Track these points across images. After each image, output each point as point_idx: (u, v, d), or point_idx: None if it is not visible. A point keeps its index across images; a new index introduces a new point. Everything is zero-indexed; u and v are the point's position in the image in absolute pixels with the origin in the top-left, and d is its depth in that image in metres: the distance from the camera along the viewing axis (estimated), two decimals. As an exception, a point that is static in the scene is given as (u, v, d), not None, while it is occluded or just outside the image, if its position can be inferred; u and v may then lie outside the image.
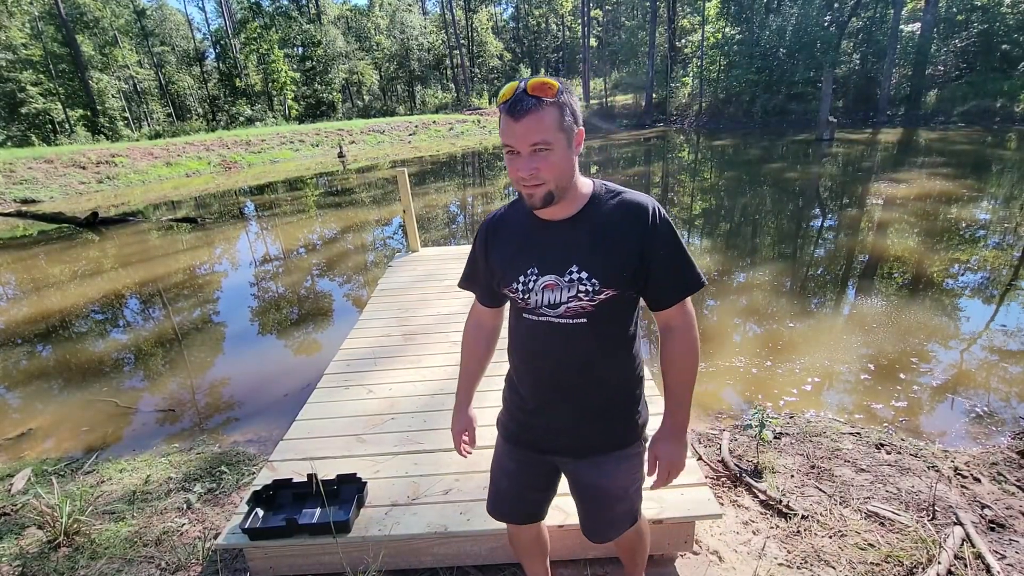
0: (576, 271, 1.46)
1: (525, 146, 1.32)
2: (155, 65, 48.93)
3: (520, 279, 1.54)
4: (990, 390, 4.38)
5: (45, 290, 8.78)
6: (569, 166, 1.39)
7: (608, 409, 1.65)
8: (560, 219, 1.50)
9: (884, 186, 12.53)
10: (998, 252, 7.66)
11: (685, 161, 20.86)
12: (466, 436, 1.92)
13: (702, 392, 4.57)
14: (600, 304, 1.48)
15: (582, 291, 1.46)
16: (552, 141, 1.32)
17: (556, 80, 1.31)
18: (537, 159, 1.33)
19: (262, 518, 2.53)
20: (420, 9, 63.56)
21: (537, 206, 1.42)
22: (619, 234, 1.46)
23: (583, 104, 41.33)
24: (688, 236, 9.93)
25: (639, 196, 1.51)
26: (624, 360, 1.63)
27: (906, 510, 2.87)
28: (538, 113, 1.29)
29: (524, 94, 1.29)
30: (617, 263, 1.45)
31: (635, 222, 1.46)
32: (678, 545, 2.53)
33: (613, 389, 1.64)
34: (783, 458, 3.42)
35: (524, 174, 1.35)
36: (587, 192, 1.51)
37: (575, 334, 1.52)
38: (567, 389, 1.61)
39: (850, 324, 5.68)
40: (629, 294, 1.52)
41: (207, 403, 5.02)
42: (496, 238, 1.65)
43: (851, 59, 32.78)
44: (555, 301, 1.50)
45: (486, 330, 1.87)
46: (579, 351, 1.55)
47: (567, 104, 1.33)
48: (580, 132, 1.40)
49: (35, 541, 2.96)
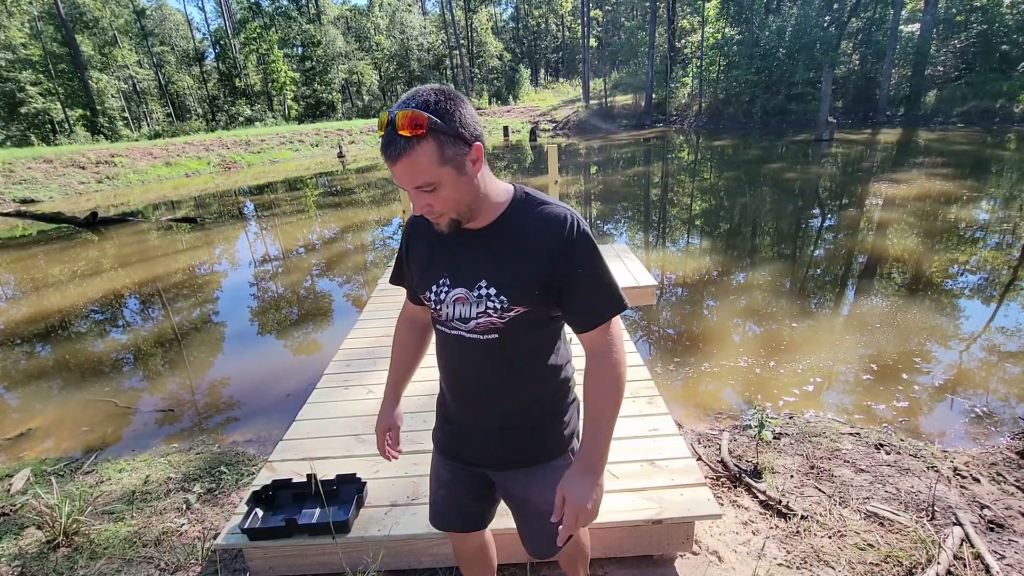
0: (485, 286, 1.37)
1: (408, 188, 1.23)
2: (155, 65, 48.91)
3: (433, 289, 1.46)
4: (989, 390, 4.38)
5: (44, 290, 8.78)
6: (466, 192, 1.28)
7: (528, 422, 1.56)
8: (474, 229, 1.39)
9: (884, 186, 12.54)
10: (997, 252, 7.66)
11: (685, 161, 20.86)
12: (390, 436, 1.84)
13: (702, 392, 4.57)
14: (511, 321, 1.38)
15: (491, 307, 1.37)
16: (434, 180, 1.20)
17: (425, 112, 1.15)
18: (426, 197, 1.24)
19: (262, 518, 2.53)
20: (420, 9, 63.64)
21: (445, 231, 1.34)
22: (531, 249, 1.35)
23: (582, 105, 41.35)
24: (688, 236, 9.94)
25: (558, 209, 1.39)
26: (544, 373, 1.53)
27: (905, 510, 2.87)
28: (410, 156, 1.16)
29: (394, 133, 1.16)
30: (527, 280, 1.35)
31: (550, 237, 1.34)
32: (677, 545, 2.52)
33: (533, 403, 1.54)
34: (782, 458, 3.42)
35: (417, 211, 1.28)
36: (503, 201, 1.39)
37: (487, 350, 1.44)
38: (484, 403, 1.55)
39: (849, 324, 5.68)
40: (544, 311, 1.42)
41: (206, 403, 5.02)
42: (414, 241, 1.56)
43: (851, 59, 32.83)
44: (466, 316, 1.41)
45: (419, 324, 1.79)
46: (492, 367, 1.48)
47: (445, 131, 1.17)
48: (475, 148, 1.25)
49: (34, 541, 2.95)
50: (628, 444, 2.90)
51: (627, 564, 2.52)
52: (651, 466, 2.70)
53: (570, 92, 48.93)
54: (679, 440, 2.90)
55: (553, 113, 41.09)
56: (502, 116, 40.31)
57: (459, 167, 1.23)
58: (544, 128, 36.42)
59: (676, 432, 2.98)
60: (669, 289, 7.20)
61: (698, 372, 4.89)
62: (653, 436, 2.95)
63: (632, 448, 2.86)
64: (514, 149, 27.97)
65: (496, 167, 21.62)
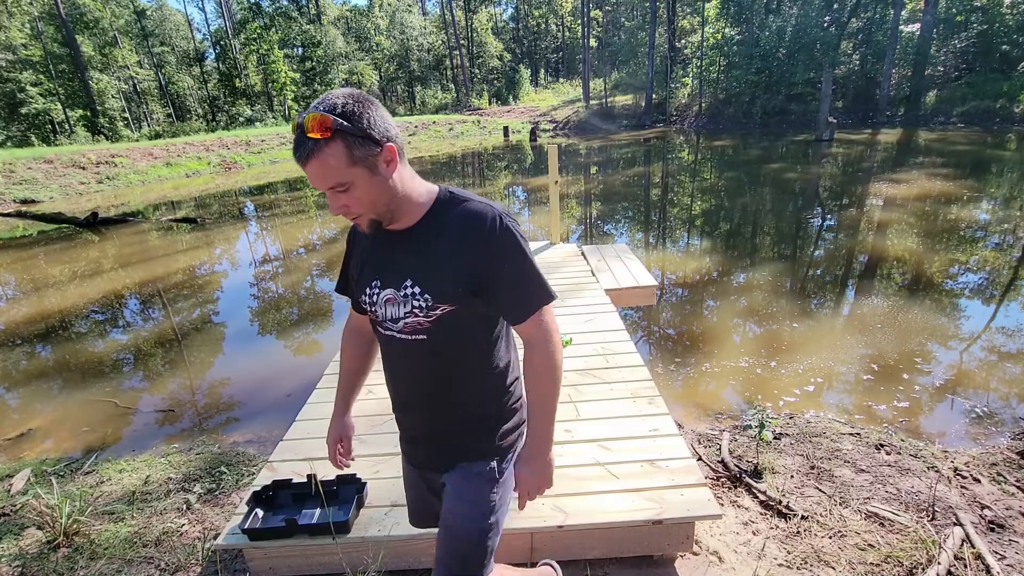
0: (410, 285, 1.39)
1: (322, 189, 1.26)
2: (155, 65, 48.85)
3: (367, 291, 1.48)
4: (990, 390, 4.38)
5: (45, 290, 8.77)
6: (382, 192, 1.30)
7: (459, 424, 1.56)
8: (400, 230, 1.42)
9: (884, 186, 12.54)
10: (998, 252, 7.66)
11: (685, 162, 20.86)
12: (341, 446, 1.80)
13: (703, 392, 4.57)
14: (438, 320, 1.40)
15: (416, 307, 1.39)
16: (346, 180, 1.23)
17: (330, 114, 1.18)
18: (340, 197, 1.27)
19: (262, 519, 2.53)
20: (420, 9, 63.53)
21: (367, 231, 1.37)
22: (455, 246, 1.37)
23: (582, 105, 41.33)
24: (688, 236, 9.94)
25: (481, 205, 1.39)
26: (477, 376, 1.53)
27: (906, 511, 2.87)
28: (319, 157, 1.19)
29: (302, 135, 1.19)
30: (450, 278, 1.37)
31: (472, 234, 1.36)
32: (678, 546, 2.52)
33: (464, 405, 1.54)
34: (783, 458, 3.41)
35: (335, 212, 1.30)
36: (427, 201, 1.41)
37: (416, 350, 1.45)
38: (418, 405, 1.56)
39: (850, 324, 5.68)
40: (472, 309, 1.42)
41: (207, 403, 5.02)
42: (354, 245, 1.58)
43: (851, 60, 32.82)
44: (396, 316, 1.43)
45: (365, 334, 1.76)
46: (422, 368, 1.49)
47: (353, 132, 1.20)
48: (388, 148, 1.27)
49: (35, 542, 2.95)
50: (628, 444, 2.90)
51: (627, 564, 2.52)
52: (651, 466, 2.70)
53: (570, 92, 48.92)
54: (679, 440, 2.90)
55: (553, 113, 41.09)
56: (502, 116, 40.32)
57: (371, 168, 1.26)
58: (544, 128, 36.41)
59: (676, 432, 2.98)
60: (669, 289, 7.20)
61: (698, 372, 4.89)
62: (653, 436, 2.95)
63: (632, 448, 2.86)
64: (514, 149, 27.97)
65: (496, 167, 21.62)
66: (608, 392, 3.46)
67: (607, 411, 3.24)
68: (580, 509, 2.46)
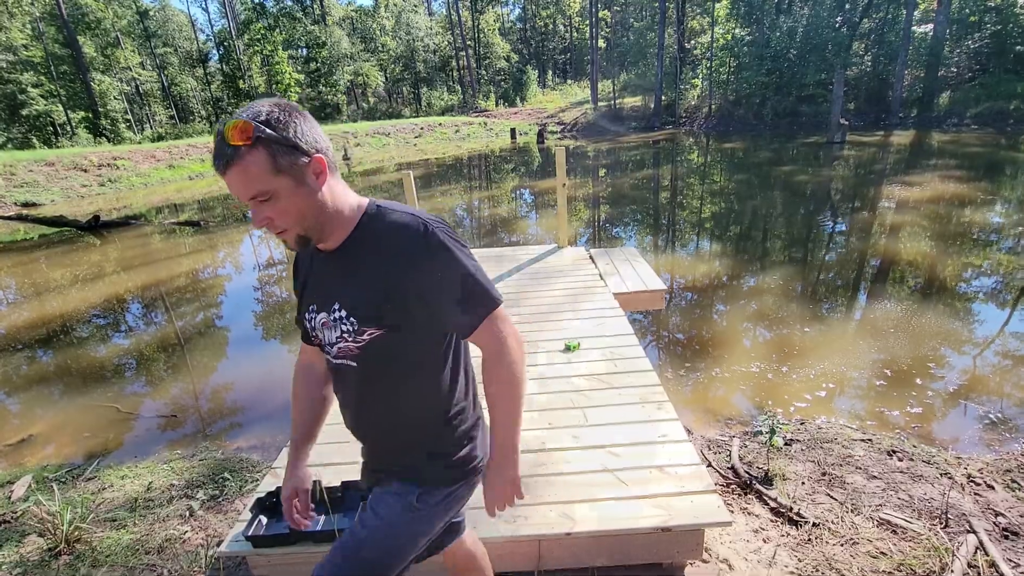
0: (338, 309, 1.33)
1: (244, 199, 1.17)
2: (158, 67, 48.90)
3: (307, 316, 1.44)
4: (1004, 396, 4.31)
5: (46, 294, 8.79)
6: (310, 204, 1.22)
7: (400, 451, 1.51)
8: (331, 250, 1.34)
9: (896, 189, 12.46)
10: (1012, 256, 7.58)
11: (695, 164, 20.79)
12: (298, 502, 1.65)
13: (712, 397, 4.53)
14: (367, 346, 1.33)
15: (344, 331, 1.33)
16: (269, 189, 1.15)
17: (251, 120, 1.12)
18: (264, 208, 1.18)
19: (266, 525, 2.50)
20: (426, 10, 63.60)
21: (295, 249, 1.30)
22: (380, 266, 1.28)
23: (590, 107, 41.29)
24: (698, 240, 9.88)
25: (407, 217, 1.30)
26: (415, 401, 1.44)
27: (918, 518, 2.82)
28: (240, 164, 1.12)
29: (223, 142, 1.12)
30: (376, 300, 1.29)
31: (398, 249, 1.27)
32: (687, 553, 2.48)
33: (401, 430, 1.48)
34: (794, 465, 3.37)
35: (257, 225, 1.21)
36: (354, 217, 1.32)
37: (350, 376, 1.40)
38: (356, 429, 1.53)
39: (862, 329, 5.62)
40: (405, 333, 1.33)
41: (210, 409, 5.01)
42: (297, 268, 1.52)
43: (863, 61, 32.57)
44: (330, 340, 1.38)
45: (317, 372, 1.65)
46: (357, 393, 1.44)
47: (277, 140, 1.13)
48: (316, 160, 1.20)
49: (36, 549, 2.94)
50: (636, 450, 2.85)
51: (636, 572, 2.48)
52: (660, 472, 2.66)
53: (578, 94, 48.87)
54: (688, 446, 2.86)
55: (561, 115, 41.08)
56: (509, 118, 40.33)
57: (297, 178, 1.18)
58: (552, 130, 36.37)
59: (685, 438, 2.94)
60: (679, 293, 7.15)
61: (708, 377, 4.84)
62: (662, 442, 2.90)
63: (641, 454, 2.81)
64: (521, 151, 27.95)
65: (503, 170, 21.60)
66: (616, 397, 3.42)
67: (615, 416, 3.20)
68: (588, 516, 2.41)
